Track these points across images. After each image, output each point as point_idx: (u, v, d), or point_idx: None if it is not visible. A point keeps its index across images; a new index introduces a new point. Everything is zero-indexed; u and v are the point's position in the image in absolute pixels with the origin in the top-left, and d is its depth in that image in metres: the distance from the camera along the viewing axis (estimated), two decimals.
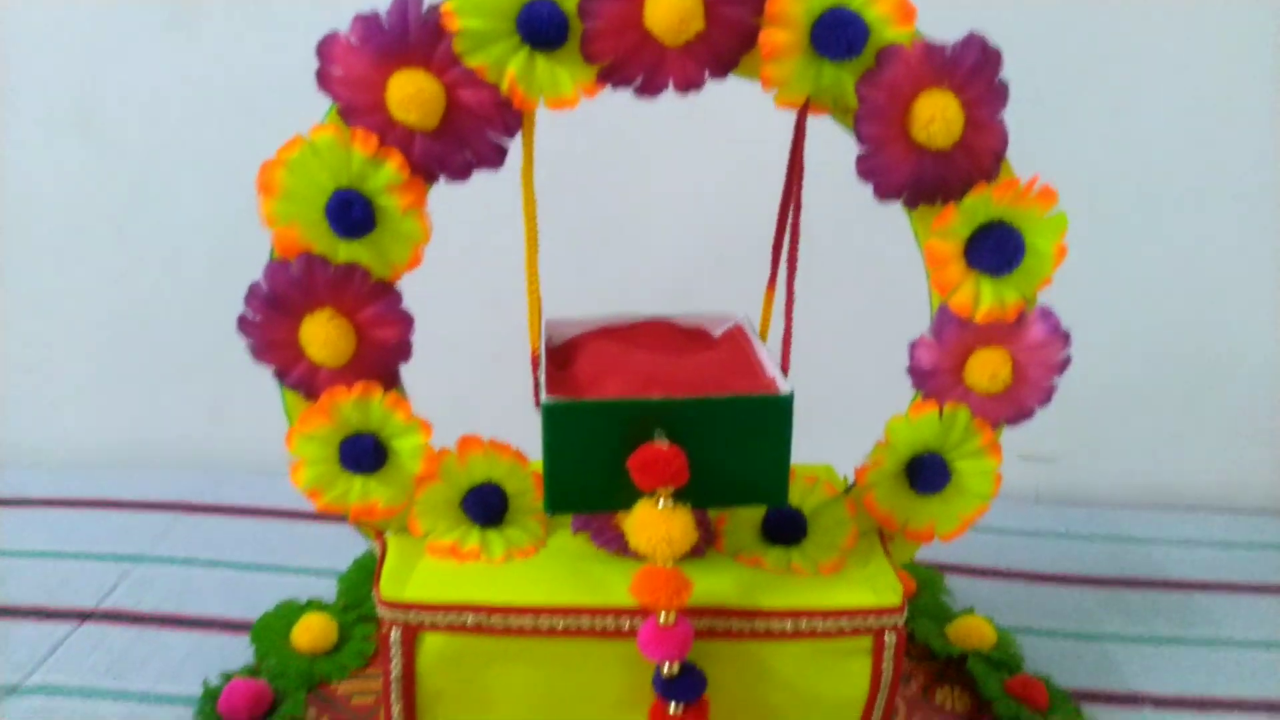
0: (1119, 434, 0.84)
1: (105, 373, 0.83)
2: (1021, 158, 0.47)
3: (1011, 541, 0.76)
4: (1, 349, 0.82)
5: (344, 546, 0.68)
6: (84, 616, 0.62)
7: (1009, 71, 0.45)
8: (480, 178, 0.45)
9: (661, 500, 0.43)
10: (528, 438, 0.50)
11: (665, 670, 0.43)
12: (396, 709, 0.47)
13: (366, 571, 0.64)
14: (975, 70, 0.44)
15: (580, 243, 0.69)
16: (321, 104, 0.43)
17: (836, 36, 0.42)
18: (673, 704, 0.43)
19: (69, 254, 0.80)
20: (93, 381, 0.84)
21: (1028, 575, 0.72)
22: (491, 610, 0.45)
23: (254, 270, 0.46)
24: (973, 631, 0.61)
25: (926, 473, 0.50)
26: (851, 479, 0.53)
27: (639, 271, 0.75)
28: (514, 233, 0.47)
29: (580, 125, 0.49)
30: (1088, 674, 0.61)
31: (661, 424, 0.44)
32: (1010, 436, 0.56)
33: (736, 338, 0.53)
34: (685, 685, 0.43)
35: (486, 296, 0.66)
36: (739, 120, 0.60)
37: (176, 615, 0.62)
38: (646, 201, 0.76)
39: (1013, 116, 0.46)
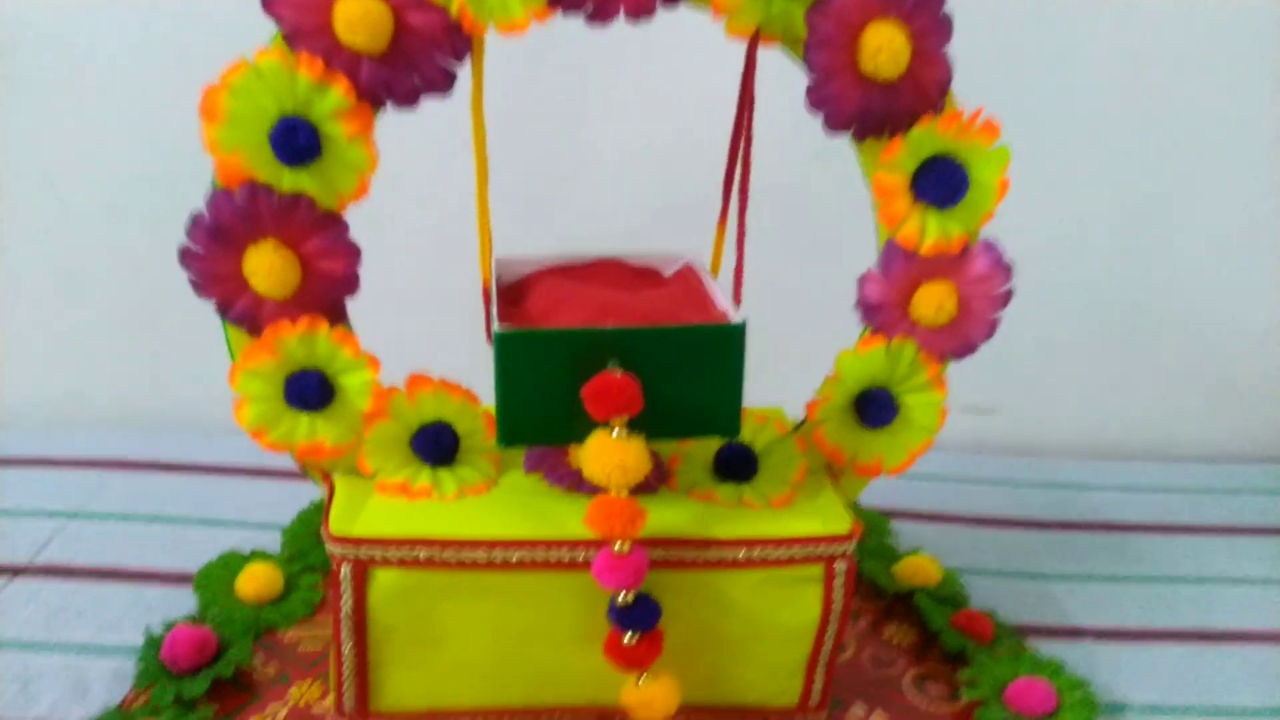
0: (1057, 385, 0.86)
1: (38, 329, 0.80)
2: (966, 95, 0.48)
3: (954, 489, 0.77)
4: None
5: (286, 502, 0.67)
6: (16, 571, 0.60)
7: (954, 6, 0.46)
8: (428, 106, 0.44)
9: (616, 430, 0.43)
10: (477, 381, 0.50)
11: (620, 599, 0.43)
12: (347, 647, 0.46)
13: (310, 524, 0.63)
14: (921, 2, 0.45)
15: (529, 182, 0.68)
16: (263, 34, 0.42)
17: None
18: (628, 633, 0.44)
19: None
20: (24, 338, 0.80)
21: (971, 519, 0.73)
22: (444, 544, 0.45)
23: (178, 213, 0.44)
24: (919, 570, 0.62)
25: (874, 406, 0.51)
26: (801, 420, 0.53)
27: (588, 212, 0.74)
28: (462, 167, 0.47)
29: (529, 58, 0.49)
30: (1031, 610, 0.62)
31: (615, 354, 0.44)
32: (952, 389, 0.57)
33: (687, 275, 0.53)
34: (640, 614, 0.44)
35: (433, 233, 0.65)
36: (689, 55, 0.60)
37: (114, 569, 0.61)
38: (595, 141, 0.75)
39: (957, 51, 0.46)
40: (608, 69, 0.67)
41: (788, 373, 0.54)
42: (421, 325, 0.67)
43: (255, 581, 0.56)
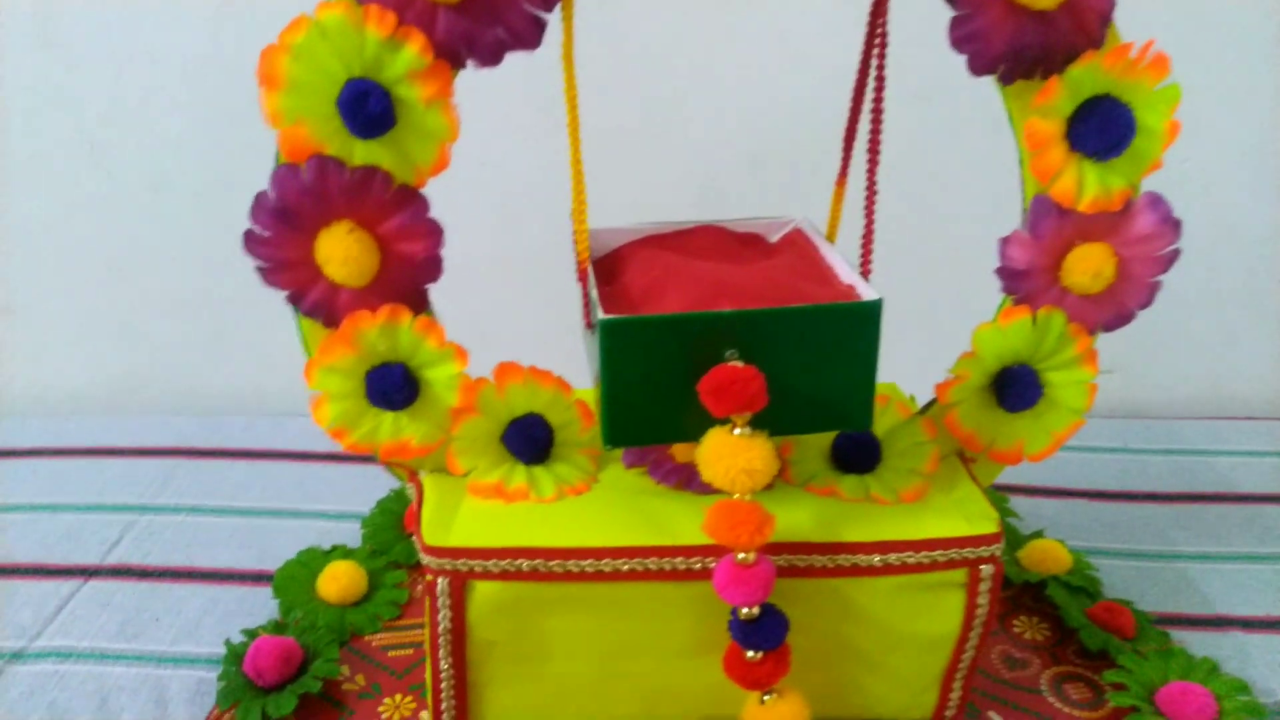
0: (1172, 341, 0.79)
1: (89, 311, 0.77)
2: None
3: (1069, 458, 0.71)
4: None
5: (362, 488, 0.64)
6: (89, 573, 0.57)
7: None
8: (514, 62, 0.38)
9: (738, 427, 0.38)
10: (559, 363, 0.46)
11: (743, 614, 0.39)
12: (445, 664, 0.42)
13: (392, 514, 0.60)
14: None
15: (606, 143, 0.63)
16: None
17: None
18: (751, 650, 0.39)
19: (41, 182, 0.73)
20: (76, 321, 0.78)
21: (1090, 493, 0.68)
22: (548, 553, 0.41)
23: (248, 193, 0.40)
24: (1048, 555, 0.57)
25: (1017, 386, 0.45)
26: (929, 402, 0.48)
27: (665, 174, 0.68)
28: (525, 127, 0.41)
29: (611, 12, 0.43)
30: (1169, 597, 0.57)
31: (734, 340, 0.39)
32: None
33: (798, 242, 0.47)
34: (766, 629, 0.39)
35: (499, 205, 0.60)
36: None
37: (188, 568, 0.58)
38: (675, 98, 0.69)
39: None
40: (713, 13, 0.61)
41: (902, 349, 0.49)
42: (483, 303, 0.63)
43: (338, 582, 0.53)
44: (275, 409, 0.76)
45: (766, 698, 0.40)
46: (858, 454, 0.46)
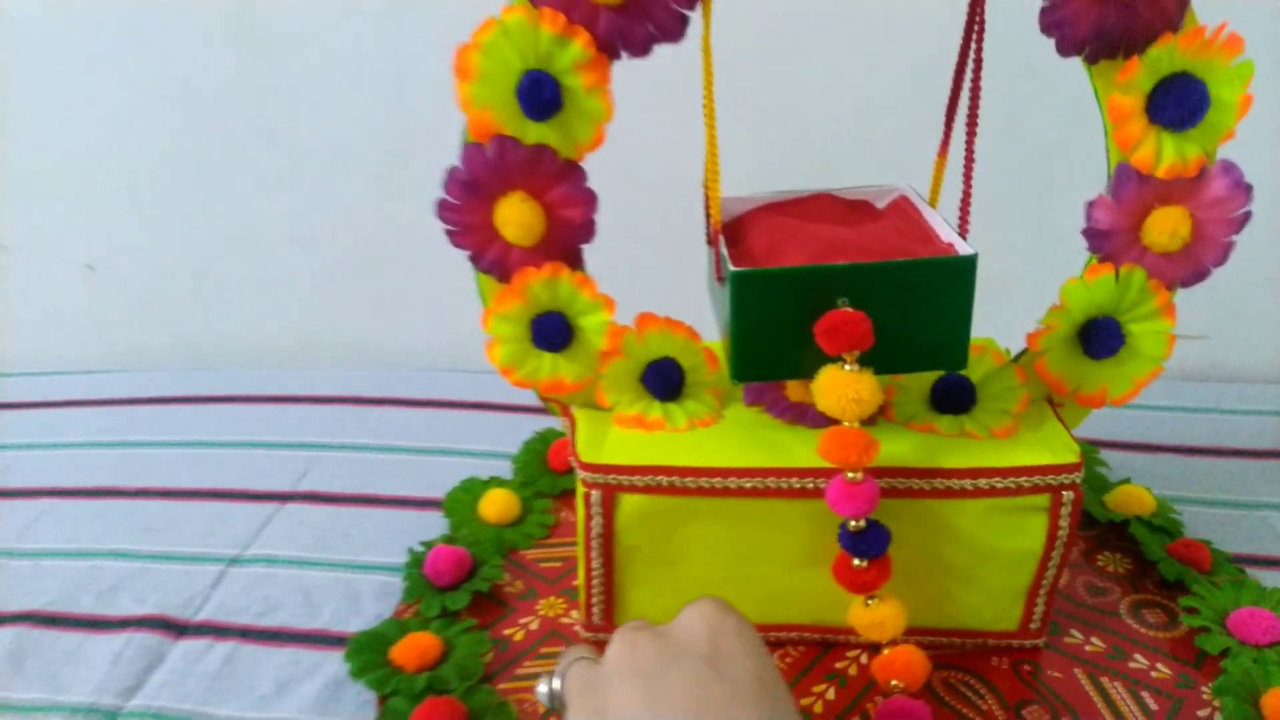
0: (1268, 309, 0.82)
1: (273, 277, 0.88)
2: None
3: (1163, 417, 0.76)
4: (176, 256, 0.88)
5: (508, 432, 0.73)
6: (285, 498, 0.67)
7: None
8: (659, 54, 0.46)
9: (848, 364, 0.44)
10: (687, 316, 0.53)
11: (852, 525, 0.45)
12: (597, 563, 0.50)
13: (536, 454, 0.68)
14: None
15: (751, 107, 0.69)
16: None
17: None
18: (857, 559, 0.46)
19: (229, 161, 0.84)
20: (259, 285, 0.89)
21: (1182, 449, 0.72)
22: (684, 472, 0.48)
23: (409, 174, 0.48)
24: (1132, 499, 0.62)
25: (1101, 335, 0.51)
26: (1021, 351, 0.53)
27: (785, 149, 0.75)
28: (685, 113, 0.48)
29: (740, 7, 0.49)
30: (1247, 539, 0.61)
31: (845, 290, 0.45)
32: None
33: (904, 207, 0.53)
34: (871, 540, 0.45)
35: (639, 178, 0.67)
36: None
37: (368, 495, 0.67)
38: (794, 75, 0.76)
39: None
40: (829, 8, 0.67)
41: (998, 306, 0.54)
42: (629, 264, 0.70)
43: (496, 505, 0.62)
44: (430, 365, 0.86)
45: (870, 601, 0.47)
46: (954, 396, 0.52)
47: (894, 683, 0.46)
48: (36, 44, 0.82)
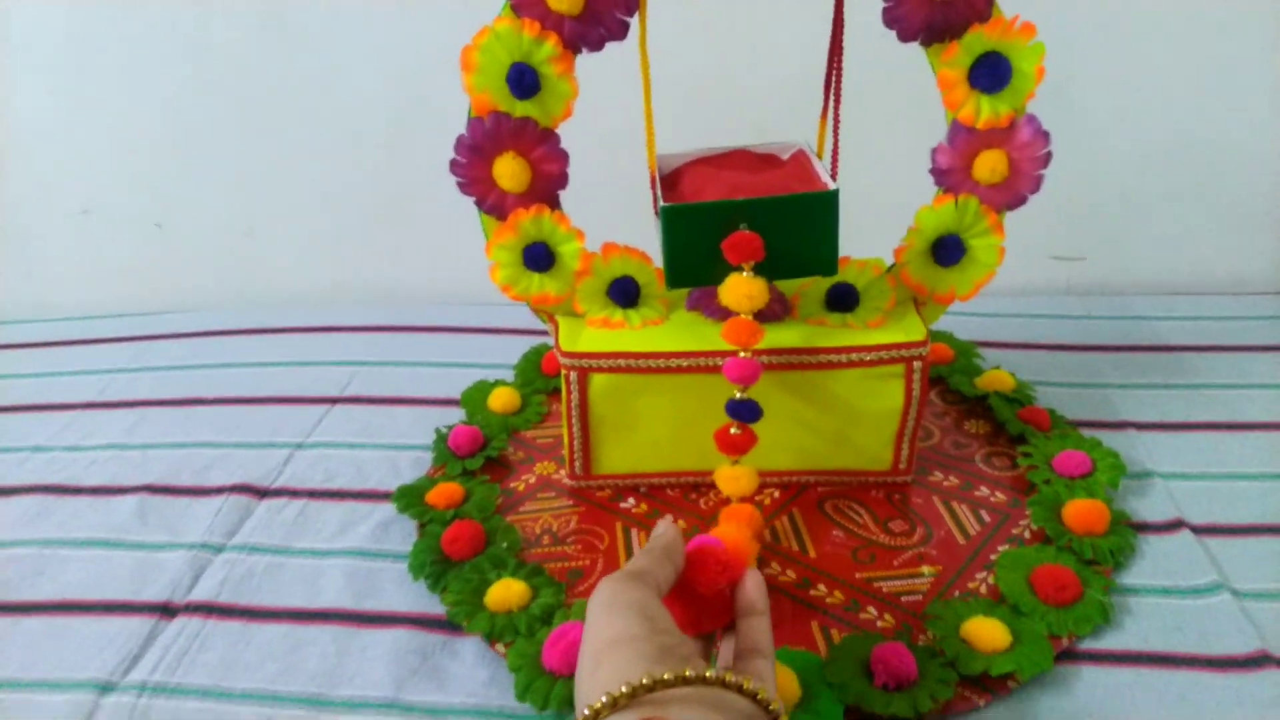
0: (1140, 232, 0.99)
1: (310, 229, 1.06)
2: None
3: (1041, 323, 0.93)
4: (230, 214, 1.06)
5: (507, 349, 0.90)
6: (333, 401, 0.85)
7: None
8: (610, 49, 0.62)
9: (745, 271, 0.61)
10: (642, 244, 0.70)
11: (736, 395, 0.59)
12: (576, 428, 0.68)
13: (532, 362, 0.86)
14: None
15: (674, 92, 0.86)
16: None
17: None
18: (735, 424, 0.60)
19: (272, 134, 1.01)
20: (296, 240, 1.06)
21: (1050, 346, 0.89)
22: (638, 355, 0.65)
23: (417, 142, 0.63)
24: (996, 380, 0.79)
25: (947, 249, 0.67)
26: (891, 264, 0.70)
27: (723, 112, 0.92)
28: (623, 88, 0.65)
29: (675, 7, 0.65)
30: (1088, 410, 0.78)
31: (744, 218, 0.61)
32: (1044, 240, 0.68)
33: (800, 159, 0.70)
34: (746, 409, 0.60)
35: (606, 140, 0.84)
36: None
37: (401, 397, 0.85)
38: (723, 59, 0.93)
39: None
40: (737, 6, 0.84)
41: (886, 230, 0.71)
42: (599, 205, 0.87)
43: (502, 399, 0.79)
44: (441, 299, 1.04)
45: (736, 462, 0.61)
46: (842, 298, 0.68)
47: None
48: (108, 40, 0.98)
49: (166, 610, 0.62)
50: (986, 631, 0.54)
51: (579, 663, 0.41)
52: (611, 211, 0.72)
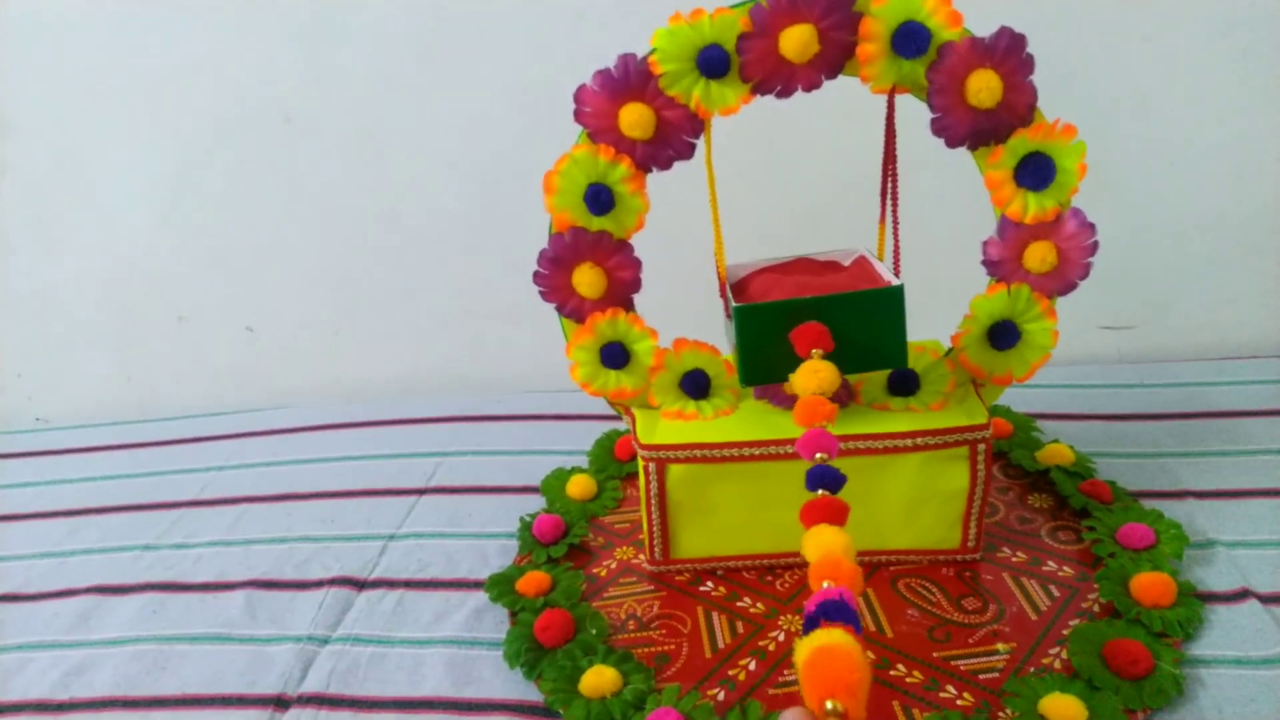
0: (1187, 298, 1.01)
1: (393, 327, 1.13)
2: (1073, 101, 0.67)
3: (1095, 393, 0.95)
4: (317, 315, 1.13)
5: (583, 436, 0.95)
6: (420, 492, 0.90)
7: (1035, 44, 0.64)
8: (678, 167, 0.68)
9: (812, 358, 0.64)
10: (710, 339, 0.74)
11: (817, 459, 0.58)
12: (655, 515, 0.72)
13: (605, 449, 0.90)
14: (1008, 51, 0.63)
15: (741, 196, 0.91)
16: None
17: (910, 42, 0.63)
18: (816, 491, 0.58)
19: (357, 240, 1.08)
20: (384, 334, 1.13)
21: (1106, 416, 0.91)
22: (712, 446, 0.69)
23: (490, 246, 0.70)
24: (1056, 454, 0.82)
25: (1003, 334, 0.70)
26: (949, 348, 0.74)
27: (783, 212, 0.98)
28: (689, 202, 0.70)
29: (740, 124, 0.70)
30: (1147, 479, 0.80)
31: (814, 316, 0.65)
32: (1093, 310, 0.71)
33: (861, 263, 0.74)
34: (828, 474, 0.57)
35: (674, 247, 0.89)
36: (844, 108, 0.80)
37: (483, 486, 0.90)
38: (787, 170, 0.99)
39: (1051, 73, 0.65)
40: (791, 124, 0.89)
41: (940, 315, 0.75)
42: (666, 304, 0.93)
43: (579, 486, 0.84)
44: (519, 388, 1.09)
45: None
46: (903, 383, 0.72)
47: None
48: (206, 163, 1.07)
49: (280, 703, 0.66)
50: (1064, 708, 0.56)
51: None
52: (681, 311, 0.77)
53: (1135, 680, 0.58)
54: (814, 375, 0.62)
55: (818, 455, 0.57)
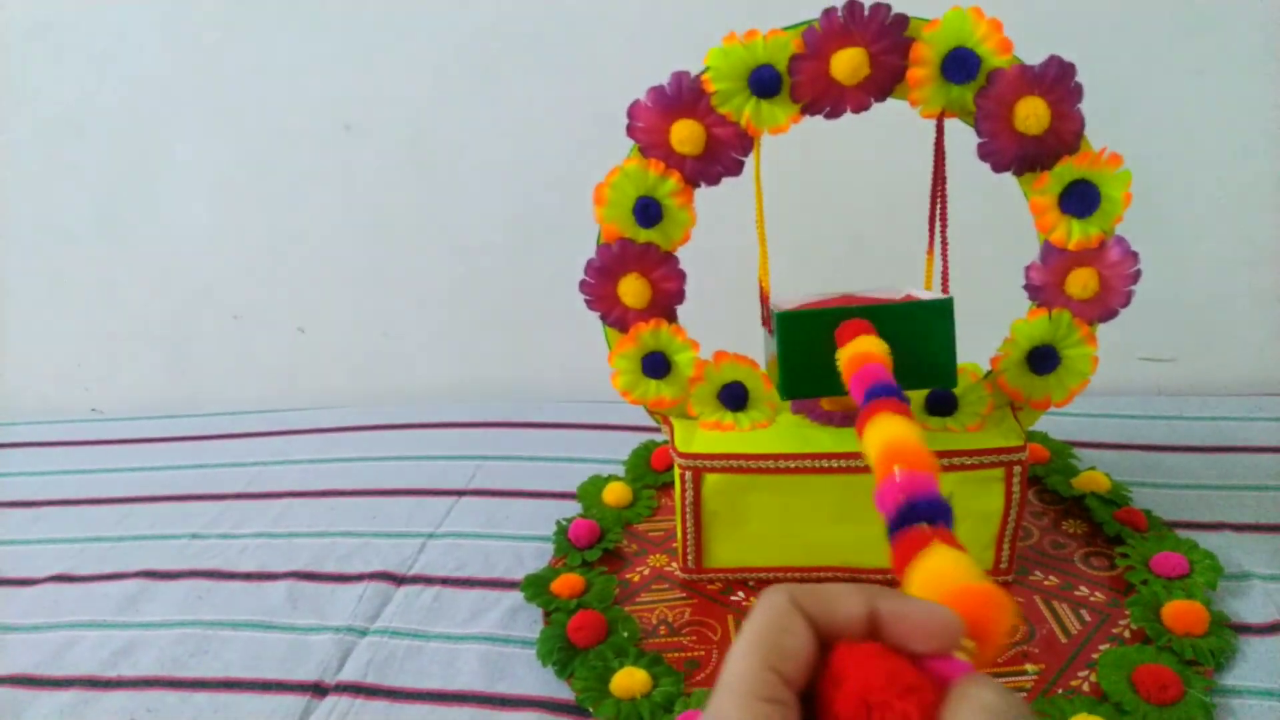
0: (1227, 334, 1.01)
1: (439, 332, 1.15)
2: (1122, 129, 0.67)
3: (1134, 424, 0.95)
4: (366, 319, 1.16)
5: (619, 445, 0.96)
6: (460, 494, 0.92)
7: (1084, 73, 0.65)
8: (726, 183, 0.69)
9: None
10: (748, 352, 0.75)
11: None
12: (690, 524, 0.73)
13: (642, 458, 0.92)
14: (1056, 79, 0.64)
15: (787, 215, 0.93)
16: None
17: (960, 68, 0.64)
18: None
19: (405, 247, 1.11)
20: (430, 339, 1.16)
21: (1144, 446, 0.91)
22: (749, 458, 0.70)
23: (536, 257, 0.72)
24: (1092, 481, 0.82)
25: (1042, 359, 0.70)
26: (988, 371, 0.75)
27: (828, 233, 0.99)
28: (742, 218, 0.72)
29: (788, 143, 0.72)
30: (1184, 510, 0.80)
31: None
32: (1133, 341, 0.70)
33: (908, 299, 0.75)
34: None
35: (718, 261, 0.91)
36: (892, 133, 0.81)
37: (520, 490, 0.92)
38: (837, 191, 1.01)
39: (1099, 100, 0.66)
40: (842, 145, 0.90)
41: (979, 339, 0.75)
42: (708, 317, 0.94)
43: (615, 494, 0.85)
44: (559, 396, 1.11)
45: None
46: (942, 403, 0.73)
47: None
48: (261, 165, 1.10)
49: (318, 689, 0.68)
50: None
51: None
52: (721, 323, 0.78)
53: (1164, 706, 0.58)
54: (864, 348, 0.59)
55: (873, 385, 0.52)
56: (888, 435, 0.44)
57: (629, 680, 0.64)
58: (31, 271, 1.19)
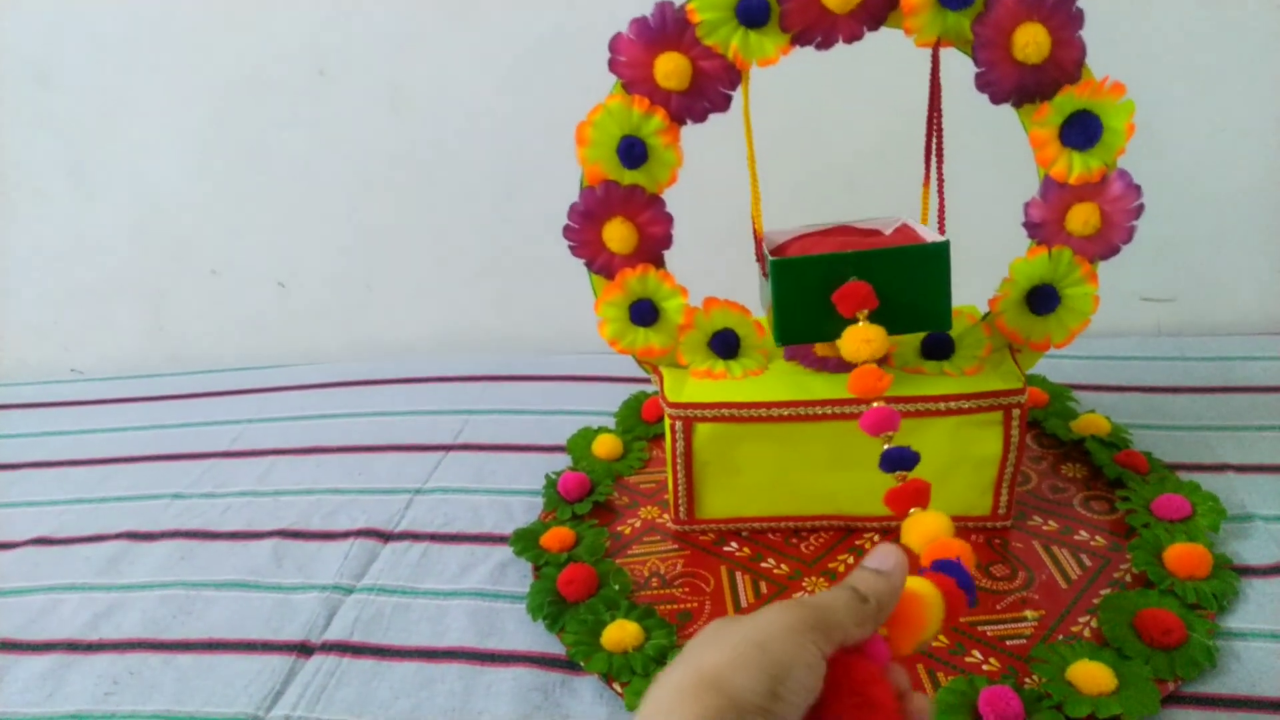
0: (1229, 272, 0.99)
1: (422, 286, 1.13)
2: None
3: (1134, 365, 0.93)
4: (347, 272, 1.13)
5: (610, 397, 0.94)
6: (447, 449, 0.90)
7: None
8: (713, 121, 0.66)
9: (861, 320, 0.63)
10: (741, 299, 0.73)
11: (885, 445, 0.55)
12: (680, 475, 0.71)
13: (632, 410, 0.90)
14: (1057, 5, 0.61)
15: (778, 152, 0.90)
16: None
17: None
18: (895, 472, 0.54)
19: (387, 197, 1.08)
20: (413, 292, 1.13)
21: (1144, 388, 0.89)
22: (740, 405, 0.68)
23: (521, 205, 0.68)
24: (1091, 424, 0.80)
25: (1042, 298, 0.68)
26: (987, 312, 0.72)
27: (821, 170, 0.96)
28: (727, 157, 0.69)
29: (780, 76, 0.69)
30: (1186, 452, 0.78)
31: (855, 272, 0.62)
32: (1133, 281, 0.68)
33: (904, 229, 0.72)
34: (901, 456, 0.54)
35: (707, 203, 0.88)
36: (886, 62, 0.78)
37: (509, 444, 0.90)
38: (825, 128, 0.97)
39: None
40: (833, 77, 0.87)
41: (976, 280, 0.73)
42: (697, 263, 0.91)
43: (606, 446, 0.83)
44: (547, 348, 1.09)
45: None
46: (938, 347, 0.71)
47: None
48: (238, 119, 1.07)
49: (304, 649, 0.67)
50: (1092, 675, 0.55)
51: (673, 663, 0.36)
52: (712, 268, 0.76)
53: (1167, 650, 0.57)
54: (866, 344, 0.60)
55: (885, 435, 0.56)
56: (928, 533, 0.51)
57: (620, 633, 0.62)
58: (2, 230, 1.16)
